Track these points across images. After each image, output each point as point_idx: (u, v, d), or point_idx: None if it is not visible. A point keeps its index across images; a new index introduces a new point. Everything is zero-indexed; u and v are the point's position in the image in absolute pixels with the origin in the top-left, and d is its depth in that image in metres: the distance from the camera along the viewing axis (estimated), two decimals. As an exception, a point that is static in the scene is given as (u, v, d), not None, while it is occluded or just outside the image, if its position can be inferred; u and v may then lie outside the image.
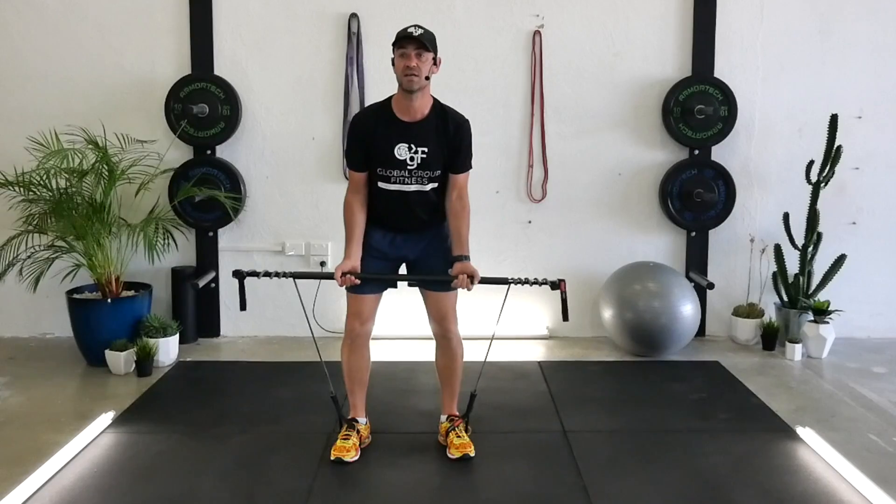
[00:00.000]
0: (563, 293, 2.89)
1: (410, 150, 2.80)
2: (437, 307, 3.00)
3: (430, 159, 2.82)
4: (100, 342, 3.96)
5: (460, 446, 2.97)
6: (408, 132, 2.81)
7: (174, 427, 3.28)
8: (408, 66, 2.70)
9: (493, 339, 3.16)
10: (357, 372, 3.07)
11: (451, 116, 2.86)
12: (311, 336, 3.16)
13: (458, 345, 3.08)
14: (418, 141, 2.80)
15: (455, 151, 2.85)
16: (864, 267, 4.55)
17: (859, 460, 2.90)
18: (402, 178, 2.83)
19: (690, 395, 3.69)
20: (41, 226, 4.10)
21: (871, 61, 4.49)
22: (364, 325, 3.02)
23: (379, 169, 2.84)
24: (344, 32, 4.41)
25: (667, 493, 2.73)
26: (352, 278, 2.82)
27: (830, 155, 4.30)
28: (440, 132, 2.83)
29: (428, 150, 2.81)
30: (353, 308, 2.99)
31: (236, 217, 4.44)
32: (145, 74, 4.43)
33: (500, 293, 3.01)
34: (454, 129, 2.84)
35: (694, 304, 4.19)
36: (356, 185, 2.91)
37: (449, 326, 3.03)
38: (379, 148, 2.82)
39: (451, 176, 2.90)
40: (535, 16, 4.44)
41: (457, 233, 2.90)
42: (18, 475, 2.75)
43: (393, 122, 2.82)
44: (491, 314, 3.18)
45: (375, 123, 2.84)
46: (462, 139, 2.86)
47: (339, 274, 2.82)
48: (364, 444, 3.05)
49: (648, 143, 4.54)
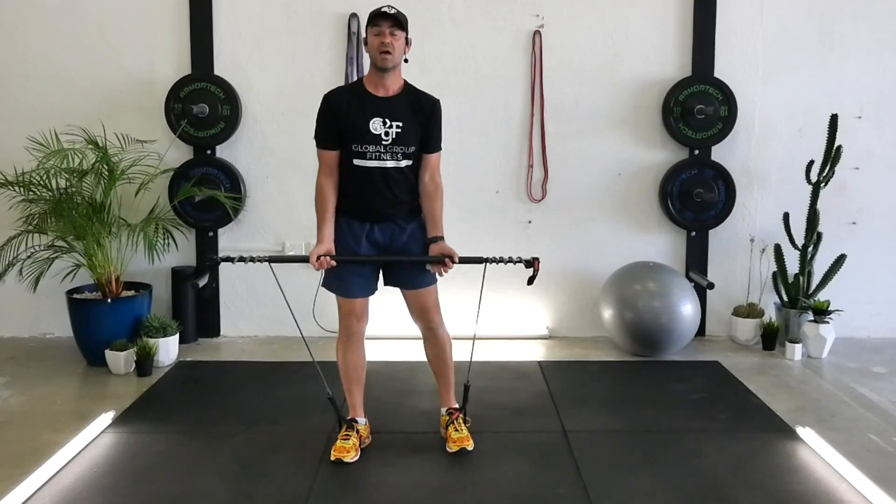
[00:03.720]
0: (535, 270, 3.02)
1: (385, 125, 2.83)
2: (419, 303, 3.01)
3: (404, 134, 2.84)
4: (100, 342, 3.96)
5: (458, 440, 2.99)
6: (382, 106, 2.84)
7: (174, 427, 3.28)
8: (382, 42, 2.76)
9: (478, 316, 3.17)
10: (354, 370, 3.07)
11: (423, 95, 2.93)
12: (301, 336, 3.16)
13: (445, 335, 3.08)
14: (392, 115, 2.83)
15: (428, 129, 2.89)
16: (864, 267, 4.55)
17: (859, 460, 2.90)
18: (377, 153, 2.84)
19: (690, 395, 3.69)
20: (41, 226, 4.10)
21: (871, 61, 4.49)
22: (360, 322, 3.03)
23: (354, 145, 2.84)
24: (344, 32, 4.41)
25: (667, 493, 2.72)
26: (328, 259, 2.83)
27: (830, 155, 4.30)
28: (415, 109, 2.87)
29: (402, 125, 2.84)
30: (346, 308, 3.00)
31: (236, 217, 4.44)
32: (145, 74, 4.43)
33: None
34: (428, 107, 2.90)
35: (694, 304, 4.19)
36: (328, 165, 2.90)
37: (432, 318, 3.04)
38: (353, 123, 2.83)
39: (424, 156, 2.93)
40: (535, 16, 4.44)
41: (431, 214, 2.93)
42: (18, 475, 2.75)
43: (367, 98, 2.85)
44: (484, 313, 3.18)
45: (350, 99, 2.86)
46: (435, 116, 2.91)
47: (314, 258, 2.83)
48: (364, 444, 3.05)
49: (648, 143, 4.54)
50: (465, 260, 2.92)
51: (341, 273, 2.92)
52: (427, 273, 2.97)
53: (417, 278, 2.97)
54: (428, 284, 2.99)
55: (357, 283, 2.96)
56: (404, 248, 2.95)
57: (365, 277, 2.98)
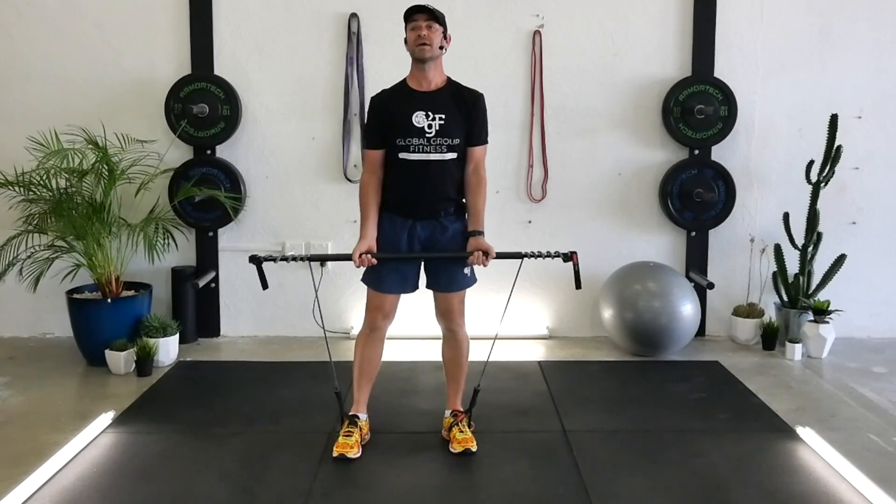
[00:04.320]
0: (575, 264, 3.01)
1: (428, 118, 2.87)
2: (447, 304, 3.04)
3: (447, 126, 2.87)
4: (100, 342, 3.96)
5: (462, 441, 2.99)
6: (424, 100, 2.89)
7: (174, 427, 3.28)
8: (419, 34, 2.83)
9: (504, 314, 3.17)
10: (369, 364, 3.09)
11: (466, 89, 3.00)
12: (321, 326, 3.15)
13: (464, 338, 3.11)
14: (435, 108, 2.88)
15: (472, 121, 2.93)
16: (864, 267, 4.55)
17: (859, 460, 2.90)
18: (421, 146, 2.87)
19: (690, 395, 3.69)
20: (41, 226, 4.10)
21: (871, 61, 4.49)
22: (386, 319, 3.05)
23: (398, 140, 2.87)
24: (344, 32, 4.41)
25: (667, 493, 2.73)
26: (369, 258, 2.86)
27: (830, 155, 4.30)
28: (458, 101, 2.92)
29: (445, 117, 2.87)
30: (376, 302, 3.01)
31: (236, 217, 4.44)
32: (145, 74, 4.43)
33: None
34: (471, 99, 2.95)
35: (694, 304, 4.19)
36: (373, 164, 2.94)
37: (456, 320, 3.06)
38: (397, 118, 2.87)
39: (468, 149, 2.95)
40: (535, 16, 4.44)
41: (473, 207, 2.98)
42: (18, 475, 2.75)
43: (409, 93, 2.91)
44: (495, 314, 3.18)
45: (392, 97, 2.93)
46: (478, 109, 2.96)
47: (356, 255, 2.86)
48: (364, 440, 3.07)
49: (648, 143, 4.54)
50: (502, 255, 2.95)
51: (380, 269, 2.93)
52: (462, 276, 2.99)
53: (453, 282, 2.99)
54: (460, 289, 3.01)
55: (393, 279, 2.97)
56: (445, 248, 2.97)
57: (402, 275, 2.98)
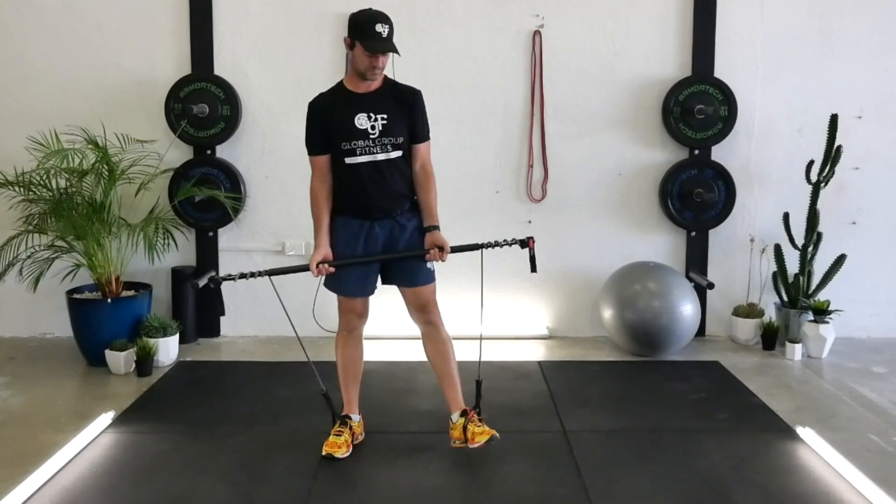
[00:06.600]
0: (531, 249, 3.05)
1: (370, 119, 2.86)
2: (417, 299, 3.01)
3: (390, 125, 2.87)
4: (100, 342, 3.96)
5: (482, 433, 2.87)
6: (365, 101, 2.88)
7: (174, 427, 3.28)
8: (374, 65, 2.81)
9: (482, 306, 3.14)
10: (352, 365, 3.09)
11: (404, 87, 2.96)
12: (295, 335, 3.15)
13: (444, 331, 3.06)
14: (376, 109, 2.87)
15: (413, 119, 2.92)
16: (864, 267, 4.55)
17: (859, 460, 2.90)
18: (367, 147, 2.86)
19: (690, 395, 3.69)
20: (41, 226, 4.10)
21: (871, 61, 4.49)
22: (360, 319, 3.06)
23: (343, 144, 2.86)
24: (344, 32, 4.38)
25: (667, 493, 2.73)
26: (326, 266, 2.86)
27: (830, 155, 4.30)
28: (398, 100, 2.91)
29: (388, 117, 2.87)
30: (346, 306, 3.02)
31: (236, 217, 4.44)
32: (145, 74, 4.43)
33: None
34: (410, 97, 2.93)
35: (694, 304, 4.19)
36: (320, 171, 2.94)
37: (431, 310, 3.03)
38: (339, 122, 2.86)
39: (413, 147, 2.94)
40: (535, 16, 4.44)
41: (425, 203, 2.96)
42: (18, 475, 2.75)
43: (349, 96, 2.89)
44: (488, 312, 3.18)
45: (332, 101, 2.91)
46: (418, 106, 2.94)
47: (313, 265, 2.85)
48: (357, 440, 3.07)
49: (648, 143, 4.54)
50: (458, 248, 2.94)
51: (340, 273, 2.93)
52: (425, 270, 2.97)
53: (416, 275, 2.96)
54: (426, 282, 2.98)
55: (356, 282, 2.97)
56: (405, 247, 2.95)
57: (363, 277, 2.98)
